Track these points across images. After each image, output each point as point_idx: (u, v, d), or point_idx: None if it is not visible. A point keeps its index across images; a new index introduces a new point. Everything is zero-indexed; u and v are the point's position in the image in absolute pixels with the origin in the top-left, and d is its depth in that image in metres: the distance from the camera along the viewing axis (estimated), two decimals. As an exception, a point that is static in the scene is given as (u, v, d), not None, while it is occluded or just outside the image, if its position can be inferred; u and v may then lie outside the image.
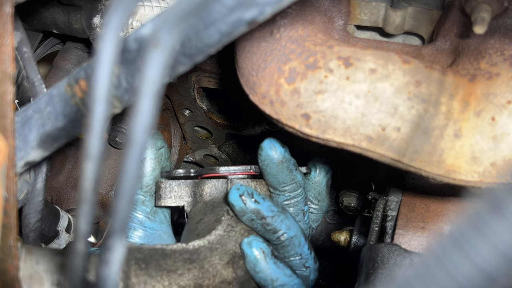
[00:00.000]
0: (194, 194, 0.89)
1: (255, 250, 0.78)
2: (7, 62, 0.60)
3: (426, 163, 0.66)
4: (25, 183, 0.71)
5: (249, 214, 0.79)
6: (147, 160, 0.90)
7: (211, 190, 0.88)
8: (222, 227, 0.81)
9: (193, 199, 0.89)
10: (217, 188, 0.87)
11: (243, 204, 0.79)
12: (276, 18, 0.72)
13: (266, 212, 0.80)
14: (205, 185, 0.88)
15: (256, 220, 0.80)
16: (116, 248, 0.44)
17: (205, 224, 0.83)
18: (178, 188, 0.89)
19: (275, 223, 0.80)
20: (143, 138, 0.41)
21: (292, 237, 0.82)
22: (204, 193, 0.88)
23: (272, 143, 0.83)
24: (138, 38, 0.54)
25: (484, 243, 0.30)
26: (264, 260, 0.78)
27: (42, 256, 0.68)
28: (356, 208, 1.19)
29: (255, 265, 0.78)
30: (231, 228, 0.81)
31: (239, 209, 0.79)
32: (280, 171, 0.84)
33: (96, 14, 1.02)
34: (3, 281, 0.64)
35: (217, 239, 0.79)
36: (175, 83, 1.11)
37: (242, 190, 0.79)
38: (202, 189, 0.88)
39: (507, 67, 0.66)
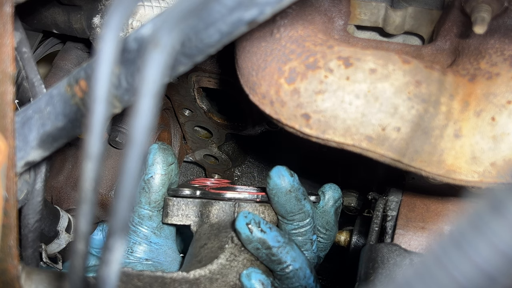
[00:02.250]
0: (201, 214, 0.89)
1: (255, 283, 0.77)
2: (7, 62, 0.60)
3: (426, 163, 0.66)
4: (25, 183, 0.71)
5: (255, 243, 0.79)
6: (157, 175, 0.89)
7: (218, 212, 0.87)
8: (225, 256, 0.80)
9: (200, 219, 0.89)
10: (224, 211, 0.87)
11: (249, 232, 0.78)
12: (276, 18, 0.72)
13: (272, 242, 0.79)
14: (213, 206, 0.88)
15: (261, 249, 0.79)
16: (116, 248, 0.44)
17: (208, 251, 0.82)
18: (185, 207, 0.89)
19: (281, 254, 0.80)
20: (143, 138, 0.41)
21: (297, 269, 0.81)
22: (211, 214, 0.88)
23: (280, 172, 0.82)
24: (138, 38, 0.54)
25: (484, 243, 0.30)
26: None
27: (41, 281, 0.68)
28: (356, 208, 1.19)
29: None
30: (234, 257, 0.80)
31: (245, 237, 0.79)
32: (288, 201, 0.83)
33: (96, 14, 1.02)
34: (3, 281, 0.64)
35: (218, 269, 0.78)
36: (175, 83, 1.11)
37: (249, 219, 0.79)
38: (210, 210, 0.88)
39: (507, 67, 0.66)
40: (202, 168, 1.43)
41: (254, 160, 1.43)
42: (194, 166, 1.49)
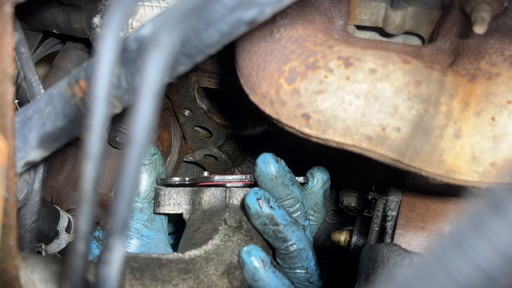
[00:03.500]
0: (193, 202, 0.89)
1: (254, 259, 0.77)
2: (7, 62, 0.60)
3: (426, 163, 0.66)
4: (25, 183, 0.71)
5: (263, 218, 0.80)
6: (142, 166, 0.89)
7: (209, 198, 0.88)
8: (219, 237, 0.81)
9: (192, 207, 0.89)
10: (215, 197, 0.88)
11: (259, 207, 0.79)
12: (276, 18, 0.72)
13: (279, 220, 0.80)
14: (204, 193, 0.88)
15: (268, 225, 0.80)
16: (116, 248, 0.44)
17: (202, 233, 0.83)
18: (177, 195, 0.90)
19: (287, 232, 0.81)
20: (143, 138, 0.41)
21: (301, 249, 0.82)
22: (202, 201, 0.88)
23: (266, 159, 0.82)
24: (138, 38, 0.54)
25: (484, 243, 0.30)
26: (263, 269, 0.78)
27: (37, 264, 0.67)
28: (356, 208, 1.19)
29: (254, 274, 0.78)
30: (228, 238, 0.81)
31: (254, 211, 0.80)
32: (276, 187, 0.83)
33: (96, 14, 1.02)
34: (3, 281, 0.64)
35: (213, 249, 0.79)
36: (175, 83, 1.11)
37: (260, 194, 0.80)
38: (201, 197, 0.88)
39: (507, 67, 0.66)
40: (202, 168, 1.43)
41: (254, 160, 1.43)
42: (194, 166, 1.49)
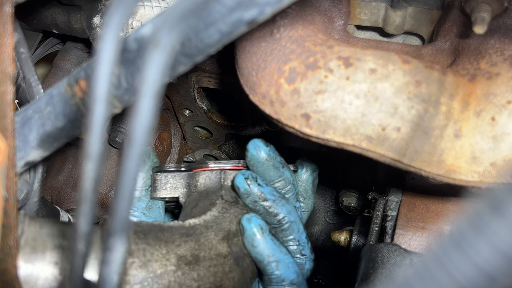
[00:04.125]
0: (189, 185, 0.92)
1: (254, 226, 0.81)
2: (7, 62, 0.60)
3: (426, 163, 0.66)
4: (25, 183, 0.71)
5: (253, 196, 0.84)
6: None
7: (205, 181, 0.91)
8: (217, 209, 0.84)
9: (188, 190, 0.92)
10: (210, 179, 0.91)
11: (247, 186, 0.84)
12: (276, 18, 0.72)
13: (268, 196, 0.84)
14: (200, 176, 0.91)
15: (259, 202, 0.84)
16: (116, 248, 0.44)
17: (200, 208, 0.86)
18: (173, 180, 0.92)
19: (277, 206, 0.84)
20: (143, 138, 0.41)
21: (292, 221, 0.86)
22: (198, 184, 0.91)
23: (256, 143, 0.87)
24: (138, 38, 0.54)
25: (484, 243, 0.30)
26: (262, 236, 0.81)
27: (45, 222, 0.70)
28: (356, 208, 1.19)
29: (252, 240, 0.81)
30: (225, 210, 0.84)
31: (243, 190, 0.84)
32: (267, 169, 0.87)
33: (96, 14, 1.02)
34: (3, 281, 0.64)
35: (212, 219, 0.82)
36: (175, 83, 1.11)
37: (247, 174, 0.85)
38: (197, 180, 0.91)
39: (507, 67, 0.66)
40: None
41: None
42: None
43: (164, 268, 0.72)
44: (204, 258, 0.76)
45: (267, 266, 0.82)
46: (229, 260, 0.79)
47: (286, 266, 0.83)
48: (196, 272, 0.74)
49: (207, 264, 0.76)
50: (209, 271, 0.76)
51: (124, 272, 0.68)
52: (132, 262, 0.70)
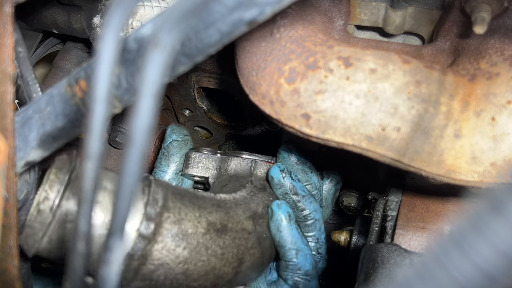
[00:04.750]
0: (220, 168, 0.98)
1: (282, 212, 0.86)
2: (7, 62, 0.60)
3: (426, 163, 0.66)
4: (25, 183, 0.71)
5: (285, 188, 0.89)
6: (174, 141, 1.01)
7: (236, 167, 0.97)
8: (246, 191, 0.89)
9: (218, 172, 0.98)
10: (241, 166, 0.97)
11: (281, 177, 0.89)
12: (276, 18, 0.72)
13: (299, 190, 0.90)
14: (231, 161, 0.98)
15: (289, 194, 0.89)
16: (116, 248, 0.44)
17: (230, 188, 0.91)
18: (206, 160, 0.99)
19: (305, 202, 0.90)
20: (143, 138, 0.41)
21: (317, 219, 0.91)
22: (229, 168, 0.97)
23: (288, 146, 0.94)
24: (138, 38, 0.54)
25: (484, 243, 0.30)
26: (288, 223, 0.86)
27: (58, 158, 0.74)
28: (356, 208, 1.19)
29: (279, 224, 0.86)
30: (254, 194, 0.90)
31: (277, 181, 0.90)
32: (296, 172, 0.93)
33: (96, 14, 1.02)
34: (3, 281, 0.64)
35: (241, 198, 0.87)
36: (175, 83, 1.11)
37: (283, 167, 0.90)
38: (228, 164, 0.97)
39: (507, 67, 0.66)
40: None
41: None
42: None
43: (195, 229, 0.76)
44: (231, 229, 0.80)
45: (288, 252, 0.86)
46: (252, 237, 0.83)
47: (305, 256, 0.87)
48: (222, 240, 0.79)
49: (232, 235, 0.80)
50: (233, 242, 0.80)
51: (159, 224, 0.73)
52: (168, 217, 0.74)
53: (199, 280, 0.77)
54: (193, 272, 0.76)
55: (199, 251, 0.76)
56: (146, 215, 0.72)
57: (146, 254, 0.72)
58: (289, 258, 0.86)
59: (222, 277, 0.79)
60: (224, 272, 0.79)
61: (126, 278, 0.72)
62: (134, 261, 0.71)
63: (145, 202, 0.73)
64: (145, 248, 0.71)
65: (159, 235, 0.73)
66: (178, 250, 0.74)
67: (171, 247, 0.74)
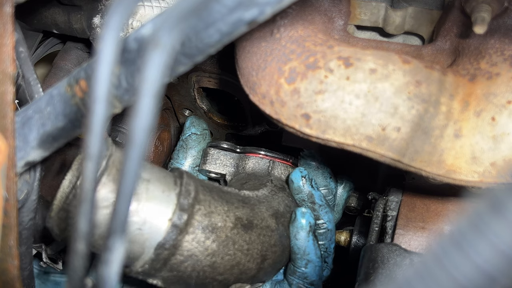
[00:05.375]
0: (237, 166, 0.98)
1: (305, 221, 0.86)
2: (7, 62, 0.60)
3: (426, 163, 0.66)
4: (25, 183, 0.71)
5: (303, 194, 0.90)
6: (193, 135, 1.02)
7: (254, 166, 0.97)
8: (267, 190, 0.90)
9: (236, 170, 0.99)
10: (259, 165, 0.97)
11: (301, 183, 0.89)
12: (276, 18, 0.72)
13: (317, 199, 0.90)
14: (249, 160, 0.98)
15: (306, 202, 0.90)
16: (116, 248, 0.44)
17: (251, 186, 0.91)
18: (224, 157, 0.99)
19: (321, 211, 0.90)
20: (143, 138, 0.41)
21: (329, 230, 0.92)
22: (247, 166, 0.97)
23: (310, 152, 0.96)
24: (138, 38, 0.54)
25: (484, 243, 0.30)
26: (307, 233, 0.86)
27: None
28: (356, 208, 1.19)
29: (298, 232, 0.86)
30: (275, 193, 0.90)
31: (297, 186, 0.90)
32: (316, 176, 0.95)
33: (96, 14, 1.02)
34: (3, 281, 0.64)
35: (263, 196, 0.88)
36: (175, 83, 1.11)
37: (305, 173, 0.90)
38: (246, 162, 0.98)
39: (507, 67, 0.66)
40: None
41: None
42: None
43: (224, 223, 0.78)
44: (256, 226, 0.81)
45: (299, 260, 0.87)
46: (275, 235, 0.84)
47: (314, 268, 0.88)
48: (248, 236, 0.80)
49: (258, 231, 0.81)
50: (258, 238, 0.81)
51: (191, 215, 0.74)
52: (199, 209, 0.76)
53: (225, 274, 0.78)
54: (220, 266, 0.77)
55: (227, 245, 0.77)
56: (179, 206, 0.73)
57: (177, 245, 0.72)
58: (298, 266, 0.87)
59: (245, 272, 0.80)
60: (248, 268, 0.80)
61: (154, 268, 0.73)
62: (164, 250, 0.72)
63: (178, 193, 0.74)
64: (177, 238, 0.72)
65: (191, 226, 0.74)
66: (208, 243, 0.75)
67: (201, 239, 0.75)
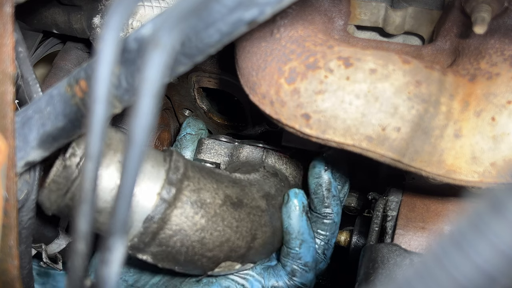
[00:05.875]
0: (231, 155, 1.00)
1: (298, 200, 0.87)
2: (7, 62, 0.60)
3: (426, 163, 0.66)
4: (25, 183, 0.71)
5: (322, 180, 0.91)
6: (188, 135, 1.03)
7: (248, 154, 0.99)
8: (259, 174, 0.92)
9: (230, 159, 1.01)
10: (253, 154, 0.99)
11: (323, 169, 0.91)
12: (276, 18, 0.72)
13: (333, 188, 0.92)
14: (243, 149, 1.00)
15: (322, 187, 0.91)
16: (116, 248, 0.44)
17: (243, 171, 0.93)
18: (218, 147, 1.02)
19: (332, 201, 0.92)
20: (143, 138, 0.41)
21: (335, 222, 0.93)
22: (241, 155, 0.99)
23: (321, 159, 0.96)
24: (138, 38, 0.54)
25: (484, 243, 0.30)
26: (300, 212, 0.87)
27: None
28: (356, 208, 1.19)
29: (291, 212, 0.87)
30: (267, 177, 0.92)
31: (318, 171, 0.92)
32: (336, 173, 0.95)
33: (96, 14, 1.02)
34: (3, 281, 0.64)
35: (255, 179, 0.90)
36: (175, 83, 1.11)
37: (327, 164, 0.92)
38: (240, 151, 1.00)
39: (507, 67, 0.66)
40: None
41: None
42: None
43: (213, 199, 0.79)
44: (246, 205, 0.83)
45: (292, 240, 0.87)
46: (266, 215, 0.85)
47: (308, 248, 0.88)
48: (238, 213, 0.81)
49: (247, 210, 0.83)
50: (248, 217, 0.82)
51: (179, 190, 0.75)
52: (188, 185, 0.77)
53: (214, 251, 0.79)
54: (209, 242, 0.78)
55: (216, 221, 0.78)
56: (167, 180, 0.74)
57: (165, 218, 0.73)
58: (292, 246, 0.88)
59: (235, 250, 0.81)
60: (237, 246, 0.81)
61: (143, 241, 0.74)
62: (153, 223, 0.73)
63: (167, 169, 0.75)
64: (165, 212, 0.73)
65: (179, 201, 0.75)
66: (196, 218, 0.76)
67: (189, 213, 0.76)
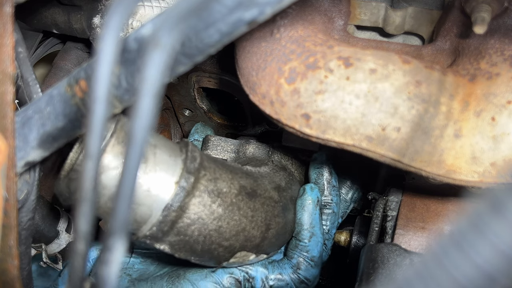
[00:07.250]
0: (238, 151, 1.02)
1: (313, 194, 0.91)
2: (7, 62, 0.60)
3: (426, 163, 0.66)
4: (25, 183, 0.71)
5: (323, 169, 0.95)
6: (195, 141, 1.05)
7: (254, 150, 1.00)
8: (269, 168, 0.94)
9: (236, 155, 1.02)
10: (259, 150, 1.01)
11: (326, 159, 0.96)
12: (276, 18, 0.72)
13: (333, 179, 0.96)
14: (250, 145, 1.02)
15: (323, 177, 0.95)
16: (116, 248, 0.44)
17: (252, 165, 0.94)
18: (224, 143, 1.03)
19: (332, 191, 0.95)
20: (143, 138, 0.41)
21: (334, 212, 0.95)
22: (247, 151, 1.01)
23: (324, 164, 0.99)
24: (138, 38, 0.54)
25: (484, 243, 0.30)
26: (315, 206, 0.90)
27: None
28: (356, 208, 1.19)
29: (305, 204, 0.90)
30: (276, 171, 0.94)
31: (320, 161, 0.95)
32: None
33: (96, 14, 1.02)
34: (3, 281, 0.64)
35: (265, 172, 0.92)
36: (175, 83, 1.11)
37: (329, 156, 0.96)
38: (246, 148, 1.01)
39: (507, 67, 0.66)
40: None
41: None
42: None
43: (229, 189, 0.80)
44: (260, 196, 0.84)
45: (303, 232, 0.89)
46: (278, 206, 0.87)
47: (317, 242, 0.90)
48: (252, 203, 0.82)
49: (261, 200, 0.84)
50: (262, 207, 0.84)
51: (197, 180, 0.76)
52: (205, 174, 0.78)
53: (230, 240, 0.80)
54: (226, 231, 0.79)
55: (232, 210, 0.79)
56: (186, 169, 0.74)
57: (184, 207, 0.74)
58: (301, 238, 0.89)
59: (250, 240, 0.82)
60: (252, 235, 0.82)
61: (161, 230, 0.74)
62: (172, 212, 0.73)
63: (184, 158, 0.76)
64: (184, 200, 0.74)
65: (197, 190, 0.76)
66: (214, 206, 0.77)
67: (207, 202, 0.76)
